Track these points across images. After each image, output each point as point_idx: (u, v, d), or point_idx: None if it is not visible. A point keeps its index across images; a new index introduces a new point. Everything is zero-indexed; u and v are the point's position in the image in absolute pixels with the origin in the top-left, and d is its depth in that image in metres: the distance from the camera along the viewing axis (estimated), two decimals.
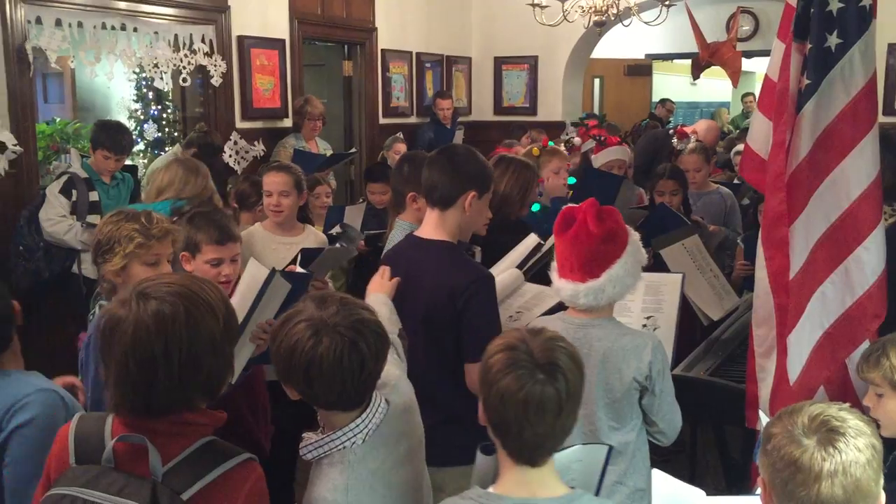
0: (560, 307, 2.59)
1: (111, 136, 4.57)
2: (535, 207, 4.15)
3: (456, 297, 2.43)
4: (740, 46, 8.88)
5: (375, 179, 5.00)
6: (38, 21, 4.69)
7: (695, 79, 9.34)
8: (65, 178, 4.44)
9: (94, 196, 4.45)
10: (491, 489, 1.63)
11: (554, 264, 2.47)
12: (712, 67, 8.73)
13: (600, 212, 2.40)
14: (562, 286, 2.42)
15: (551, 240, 2.82)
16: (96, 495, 1.45)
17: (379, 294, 2.37)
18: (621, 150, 5.10)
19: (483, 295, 2.48)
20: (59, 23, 4.76)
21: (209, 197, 3.90)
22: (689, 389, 3.14)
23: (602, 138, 5.16)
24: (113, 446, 1.50)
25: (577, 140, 5.53)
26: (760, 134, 2.42)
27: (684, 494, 2.10)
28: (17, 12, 4.55)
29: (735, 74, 7.76)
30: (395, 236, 3.06)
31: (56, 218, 4.32)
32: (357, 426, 1.69)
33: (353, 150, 6.92)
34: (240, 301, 2.35)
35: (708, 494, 2.11)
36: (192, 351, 1.52)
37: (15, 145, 4.53)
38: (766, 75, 2.38)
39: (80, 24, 4.88)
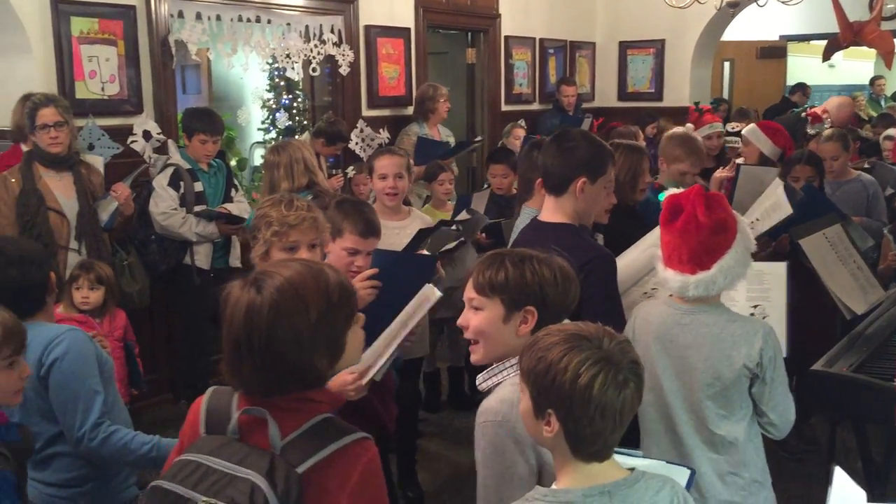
0: None
1: (204, 120, 4.62)
2: (661, 196, 4.04)
3: None
4: (885, 26, 8.35)
5: (497, 161, 5.00)
6: (180, 15, 4.93)
7: (824, 60, 8.82)
8: (170, 169, 4.49)
9: (198, 186, 4.53)
10: (554, 486, 1.61)
11: (658, 252, 2.40)
12: (852, 48, 8.25)
13: (709, 200, 2.31)
14: (669, 277, 2.35)
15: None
16: (219, 463, 1.51)
17: None
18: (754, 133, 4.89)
19: (600, 272, 2.44)
20: (199, 16, 4.99)
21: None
22: (829, 386, 3.00)
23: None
24: (238, 419, 1.58)
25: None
26: None
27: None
28: (161, 7, 4.80)
29: (889, 56, 7.28)
30: (520, 223, 3.05)
31: (169, 211, 4.39)
32: None
33: (479, 139, 6.93)
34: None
35: None
36: (270, 344, 1.55)
37: (159, 134, 4.79)
38: None
39: (218, 18, 5.10)
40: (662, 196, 3.96)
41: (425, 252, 2.95)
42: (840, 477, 1.82)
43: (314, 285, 1.59)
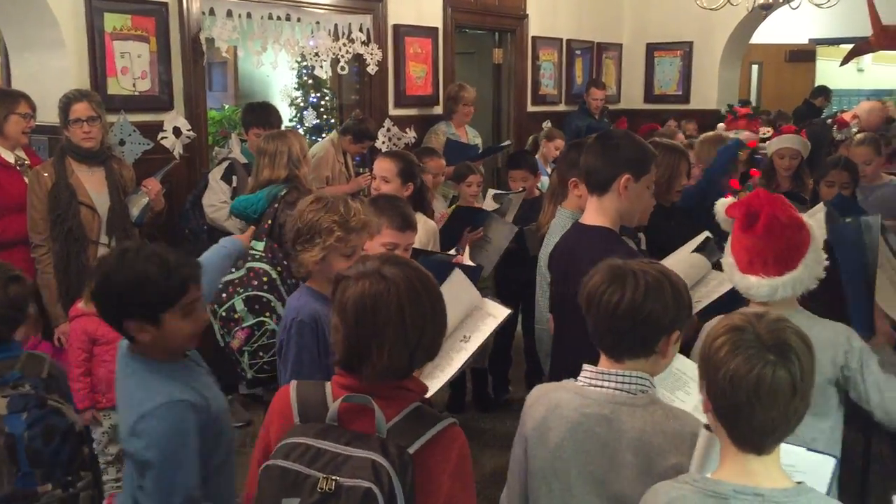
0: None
1: (259, 114, 4.71)
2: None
3: None
4: None
5: (517, 166, 4.96)
6: (211, 12, 4.94)
7: (842, 64, 8.72)
8: (226, 163, 4.60)
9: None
10: (710, 475, 1.58)
11: (731, 260, 2.36)
12: (880, 52, 8.13)
13: (778, 199, 2.31)
14: (753, 284, 2.29)
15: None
16: (329, 444, 1.59)
17: None
18: (798, 139, 4.83)
19: None
20: (229, 14, 5.00)
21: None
22: None
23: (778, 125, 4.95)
24: (338, 407, 1.65)
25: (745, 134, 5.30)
26: None
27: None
28: (193, 4, 4.82)
29: None
30: (556, 225, 3.03)
31: (218, 204, 4.47)
32: None
33: (508, 142, 6.92)
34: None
35: None
36: (443, 311, 1.72)
37: (189, 130, 4.82)
38: None
39: (248, 15, 5.11)
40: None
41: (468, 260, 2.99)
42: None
43: (428, 273, 1.74)
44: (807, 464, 1.78)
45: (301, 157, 3.98)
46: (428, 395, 2.21)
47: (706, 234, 2.90)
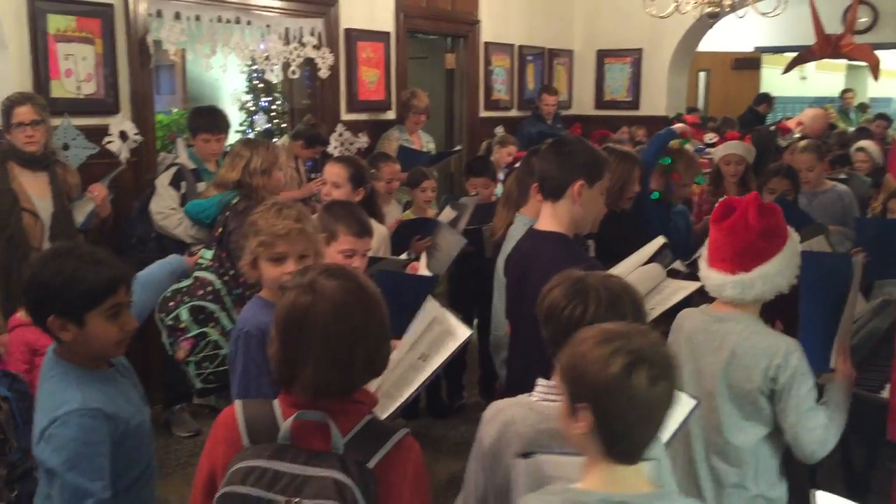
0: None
1: (207, 119, 4.63)
2: (655, 195, 4.07)
3: None
4: (858, 39, 8.47)
5: (478, 174, 4.98)
6: (159, 14, 4.85)
7: (785, 72, 8.95)
8: (174, 169, 4.48)
9: (202, 187, 4.47)
10: (577, 485, 1.58)
11: (704, 252, 2.42)
12: (823, 61, 8.35)
13: (763, 206, 2.33)
14: (709, 275, 2.37)
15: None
16: (285, 466, 1.53)
17: None
18: (743, 145, 4.93)
19: None
20: (178, 16, 4.92)
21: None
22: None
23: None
24: (290, 425, 1.59)
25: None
26: None
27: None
28: (140, 6, 4.72)
29: (875, 67, 7.38)
30: (515, 230, 3.03)
31: (166, 211, 4.35)
32: None
33: (458, 147, 6.92)
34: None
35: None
36: (381, 326, 1.65)
37: (136, 134, 4.71)
38: None
39: (197, 18, 5.03)
40: (657, 195, 4.04)
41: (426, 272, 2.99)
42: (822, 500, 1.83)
43: (372, 284, 1.69)
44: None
45: (260, 169, 3.92)
46: (382, 416, 2.19)
47: (662, 240, 2.93)
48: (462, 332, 2.30)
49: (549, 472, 1.72)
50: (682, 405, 1.93)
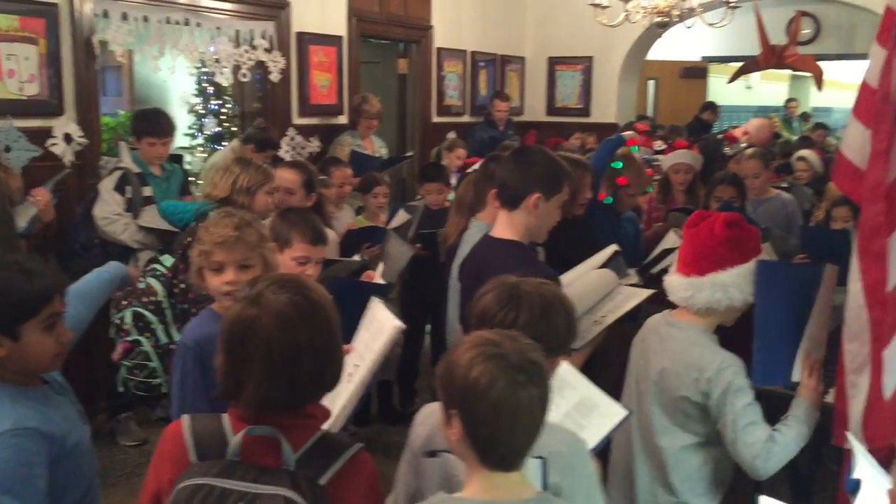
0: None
1: (151, 122, 4.54)
2: (609, 200, 4.11)
3: None
4: (801, 50, 8.70)
5: (432, 179, 4.98)
6: (105, 15, 4.75)
7: (730, 81, 9.17)
8: (118, 173, 4.37)
9: (147, 191, 4.40)
10: (457, 494, 1.59)
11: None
12: (768, 71, 8.59)
13: (735, 219, 2.36)
14: (671, 279, 2.42)
15: None
16: (234, 483, 1.48)
17: None
18: (691, 154, 5.01)
19: None
20: (125, 17, 4.82)
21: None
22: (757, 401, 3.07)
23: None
24: (240, 440, 1.55)
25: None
26: (856, 142, 2.30)
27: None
28: (86, 6, 4.62)
29: (819, 78, 7.58)
30: (470, 235, 3.04)
31: (112, 216, 4.25)
32: None
33: (410, 153, 6.92)
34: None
35: None
36: (329, 339, 1.61)
37: (80, 137, 4.60)
38: (863, 82, 2.28)
39: (145, 19, 4.94)
40: (610, 200, 4.08)
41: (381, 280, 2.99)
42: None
43: (324, 296, 1.65)
44: (605, 406, 1.88)
45: (245, 188, 3.82)
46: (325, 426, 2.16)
47: (615, 247, 2.96)
48: (390, 326, 2.23)
49: (454, 472, 1.71)
50: (611, 415, 1.95)
